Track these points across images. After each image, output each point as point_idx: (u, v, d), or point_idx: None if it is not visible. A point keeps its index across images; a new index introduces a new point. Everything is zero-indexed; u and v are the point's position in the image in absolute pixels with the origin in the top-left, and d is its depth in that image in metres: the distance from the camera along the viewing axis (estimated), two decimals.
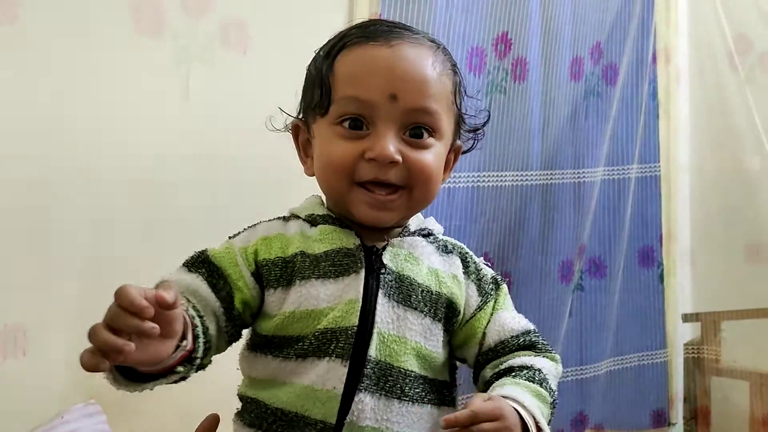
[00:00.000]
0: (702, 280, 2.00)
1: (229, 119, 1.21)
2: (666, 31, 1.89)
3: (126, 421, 1.20)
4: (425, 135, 0.76)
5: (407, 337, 0.74)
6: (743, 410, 1.81)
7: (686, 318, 1.94)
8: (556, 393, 0.77)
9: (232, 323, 0.75)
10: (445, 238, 0.85)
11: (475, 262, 0.84)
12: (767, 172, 1.85)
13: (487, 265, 0.86)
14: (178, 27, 1.15)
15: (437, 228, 0.84)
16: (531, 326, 0.82)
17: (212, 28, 1.19)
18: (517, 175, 1.60)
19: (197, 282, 0.74)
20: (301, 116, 0.82)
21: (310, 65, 0.81)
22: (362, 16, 1.36)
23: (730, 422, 1.90)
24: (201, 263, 0.76)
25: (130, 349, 0.57)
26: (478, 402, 0.68)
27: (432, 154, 0.76)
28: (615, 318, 1.83)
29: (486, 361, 0.80)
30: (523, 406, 0.70)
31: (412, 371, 0.75)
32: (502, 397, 0.71)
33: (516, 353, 0.79)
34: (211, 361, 0.73)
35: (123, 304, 0.58)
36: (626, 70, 1.78)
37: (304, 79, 0.82)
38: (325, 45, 0.80)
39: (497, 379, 0.76)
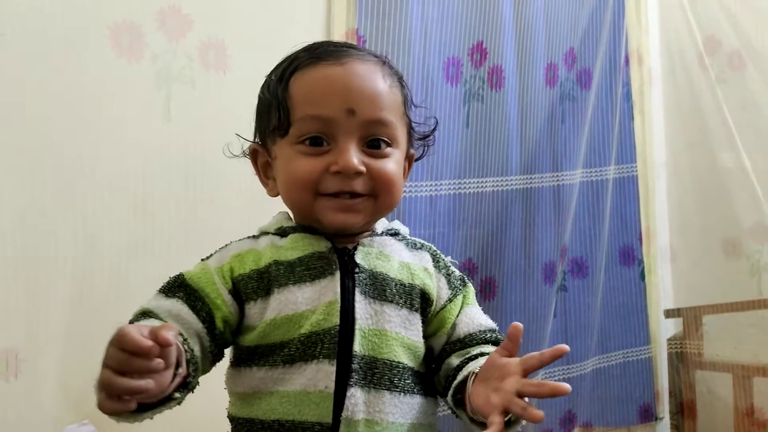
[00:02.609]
0: (682, 276, 2.04)
1: (210, 138, 1.23)
2: (638, 33, 1.94)
3: None
4: (383, 145, 0.79)
5: (386, 329, 0.77)
6: (727, 402, 1.84)
7: (668, 314, 1.98)
8: None
9: (214, 343, 0.77)
10: (413, 237, 0.88)
11: (444, 260, 0.87)
12: (740, 168, 1.90)
13: (454, 263, 0.89)
14: (157, 49, 1.16)
15: (403, 229, 0.88)
16: (495, 326, 0.85)
17: (191, 49, 1.21)
18: (497, 180, 1.63)
19: (178, 306, 0.75)
20: (257, 140, 0.85)
21: (262, 89, 0.84)
22: (340, 32, 1.39)
23: (715, 414, 1.93)
24: (178, 287, 0.77)
25: (151, 386, 0.60)
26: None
27: (392, 162, 0.80)
28: (599, 317, 1.86)
29: (452, 350, 0.82)
30: None
31: (399, 362, 0.78)
32: None
33: (482, 345, 0.81)
34: (198, 383, 0.74)
35: (128, 349, 0.59)
36: (600, 73, 1.81)
37: (257, 105, 0.84)
38: (275, 69, 0.83)
39: (466, 364, 0.78)
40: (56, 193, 1.10)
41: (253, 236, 0.84)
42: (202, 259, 0.83)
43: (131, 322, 0.75)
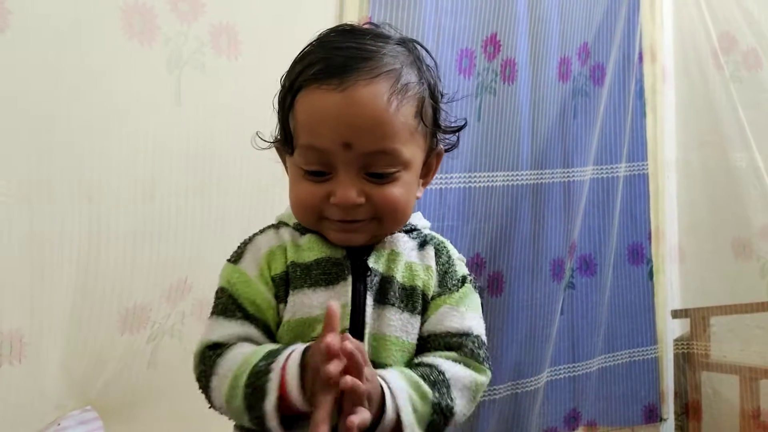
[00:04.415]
0: (690, 277, 2.03)
1: (219, 124, 1.22)
2: (652, 30, 1.92)
3: (122, 428, 1.20)
4: (386, 174, 0.76)
5: (386, 334, 0.77)
6: (733, 404, 1.83)
7: (675, 314, 1.97)
8: (450, 400, 0.74)
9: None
10: (430, 233, 0.86)
11: (449, 257, 0.84)
12: (752, 169, 1.88)
13: (462, 262, 0.86)
14: (169, 32, 1.15)
15: (422, 223, 0.86)
16: (476, 331, 0.80)
17: (203, 33, 1.19)
18: (507, 175, 1.61)
19: (244, 328, 0.76)
20: (278, 136, 0.83)
21: (283, 79, 0.80)
22: (352, 20, 1.37)
23: (720, 416, 1.92)
24: (233, 306, 0.77)
25: None
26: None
27: (397, 186, 0.77)
28: (606, 315, 1.85)
29: (420, 350, 0.80)
30: (389, 386, 0.70)
31: (392, 366, 0.77)
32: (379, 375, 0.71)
33: (437, 352, 0.79)
34: None
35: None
36: (613, 69, 1.80)
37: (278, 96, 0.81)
38: (289, 71, 0.80)
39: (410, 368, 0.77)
40: (63, 176, 1.08)
41: (274, 226, 0.83)
42: (229, 260, 0.81)
43: (205, 357, 0.75)
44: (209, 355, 0.75)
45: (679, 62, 2.00)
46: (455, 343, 0.79)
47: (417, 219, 0.86)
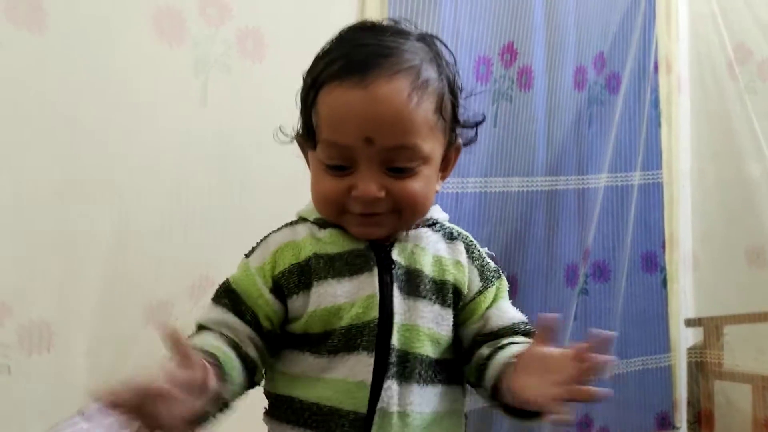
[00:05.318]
0: (704, 285, 2.03)
1: (244, 125, 1.25)
2: (667, 41, 1.93)
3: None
4: (407, 168, 0.78)
5: (419, 325, 0.78)
6: (746, 413, 1.83)
7: (689, 323, 1.97)
8: None
9: (266, 339, 0.79)
10: (451, 225, 0.87)
11: (479, 251, 0.86)
12: (766, 178, 1.89)
13: (490, 255, 0.89)
14: (197, 35, 1.19)
15: (442, 216, 0.87)
16: (525, 318, 0.85)
17: (230, 36, 1.23)
18: (523, 180, 1.63)
19: (223, 315, 0.79)
20: (299, 131, 0.85)
21: (305, 75, 0.82)
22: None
23: (733, 425, 1.92)
24: (224, 294, 0.80)
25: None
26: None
27: (417, 180, 0.78)
28: (619, 322, 1.86)
29: (484, 341, 0.82)
30: None
31: (426, 356, 0.79)
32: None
33: (512, 337, 0.82)
34: (262, 376, 0.81)
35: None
36: (628, 79, 1.82)
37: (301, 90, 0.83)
38: (312, 67, 0.81)
39: (496, 354, 0.79)
40: (93, 174, 1.12)
41: (291, 223, 0.85)
42: (246, 255, 0.84)
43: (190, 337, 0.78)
44: (190, 336, 0.78)
45: (694, 73, 2.01)
46: (524, 329, 0.83)
47: (436, 212, 0.87)
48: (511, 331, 0.82)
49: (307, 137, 0.81)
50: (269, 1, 1.29)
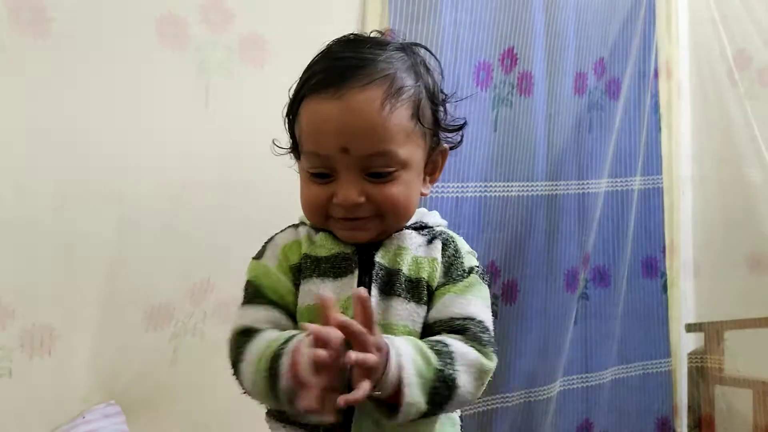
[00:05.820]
0: (705, 291, 2.03)
1: (245, 130, 1.26)
2: (667, 47, 1.94)
3: (143, 422, 1.23)
4: (385, 173, 0.80)
5: (394, 323, 0.80)
6: (747, 419, 1.83)
7: (689, 328, 1.97)
8: (453, 371, 0.75)
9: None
10: (443, 230, 0.88)
11: (456, 250, 0.86)
12: (767, 184, 1.89)
13: (472, 256, 0.88)
14: (200, 41, 1.20)
15: (436, 221, 0.89)
16: (479, 317, 0.81)
17: (232, 42, 1.24)
18: (523, 185, 1.64)
19: (269, 313, 0.81)
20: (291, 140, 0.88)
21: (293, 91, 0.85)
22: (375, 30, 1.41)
23: (733, 430, 1.92)
24: (256, 295, 0.83)
25: None
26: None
27: (396, 185, 0.81)
28: (619, 327, 1.86)
29: (426, 334, 0.82)
30: (395, 347, 0.72)
31: None
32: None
33: (443, 335, 0.80)
34: None
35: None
36: (629, 84, 1.82)
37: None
38: (298, 81, 0.84)
39: None
40: (96, 176, 1.13)
41: (295, 225, 0.89)
42: (254, 258, 0.87)
43: (236, 343, 0.79)
44: (240, 341, 0.78)
45: (694, 78, 2.02)
46: (459, 326, 0.80)
47: (431, 217, 0.89)
48: (445, 326, 0.80)
49: (294, 148, 0.86)
50: (271, 8, 1.30)
